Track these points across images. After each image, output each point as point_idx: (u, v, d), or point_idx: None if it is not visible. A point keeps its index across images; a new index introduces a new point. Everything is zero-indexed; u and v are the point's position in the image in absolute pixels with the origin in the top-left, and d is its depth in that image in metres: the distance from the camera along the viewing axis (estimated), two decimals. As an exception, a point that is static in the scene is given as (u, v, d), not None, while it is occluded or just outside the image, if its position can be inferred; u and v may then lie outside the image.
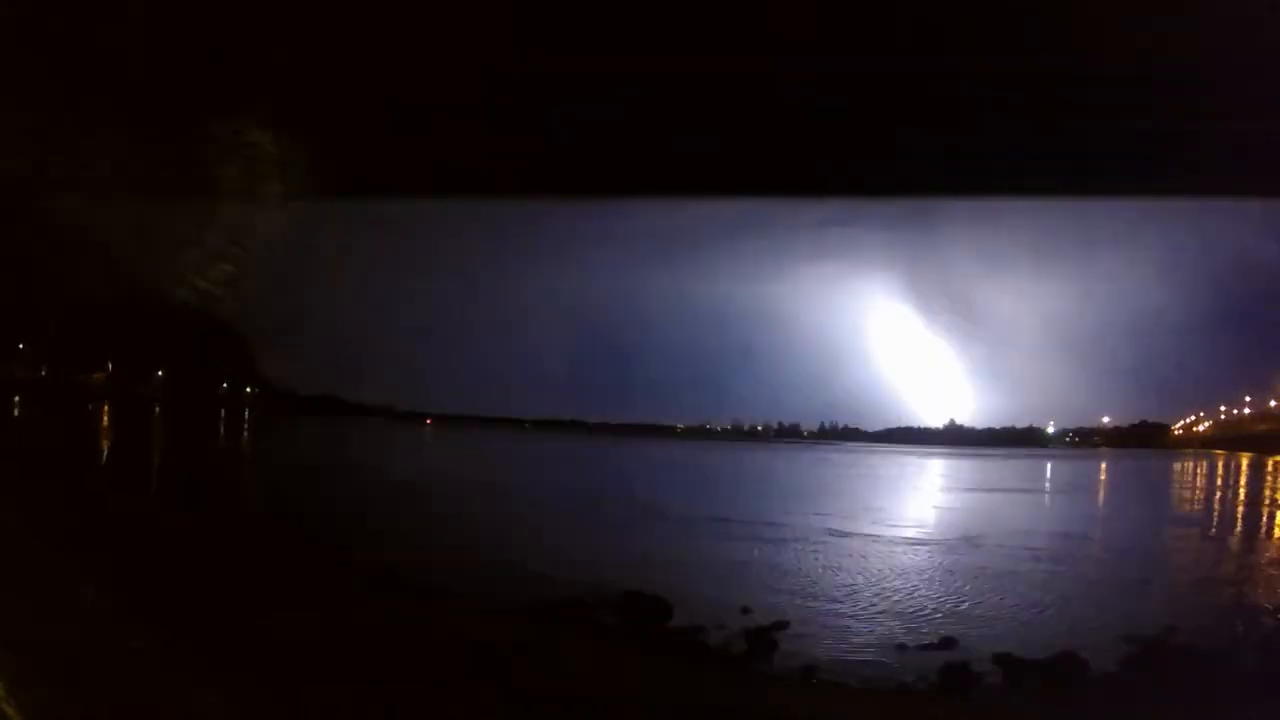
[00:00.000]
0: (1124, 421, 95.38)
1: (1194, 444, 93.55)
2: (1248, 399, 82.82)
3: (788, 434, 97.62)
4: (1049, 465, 55.90)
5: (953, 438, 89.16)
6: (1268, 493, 36.14)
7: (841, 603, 13.57)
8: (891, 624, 12.02)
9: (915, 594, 14.20)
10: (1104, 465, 57.07)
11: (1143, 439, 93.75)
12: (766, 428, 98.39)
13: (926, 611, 12.79)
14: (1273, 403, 78.98)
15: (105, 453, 28.23)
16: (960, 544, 19.54)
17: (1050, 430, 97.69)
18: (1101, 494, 39.38)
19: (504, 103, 6.82)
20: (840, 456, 60.50)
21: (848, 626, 11.76)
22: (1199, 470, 53.17)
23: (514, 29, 6.21)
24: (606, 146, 7.74)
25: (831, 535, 21.09)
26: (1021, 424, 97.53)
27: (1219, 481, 43.35)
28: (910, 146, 7.44)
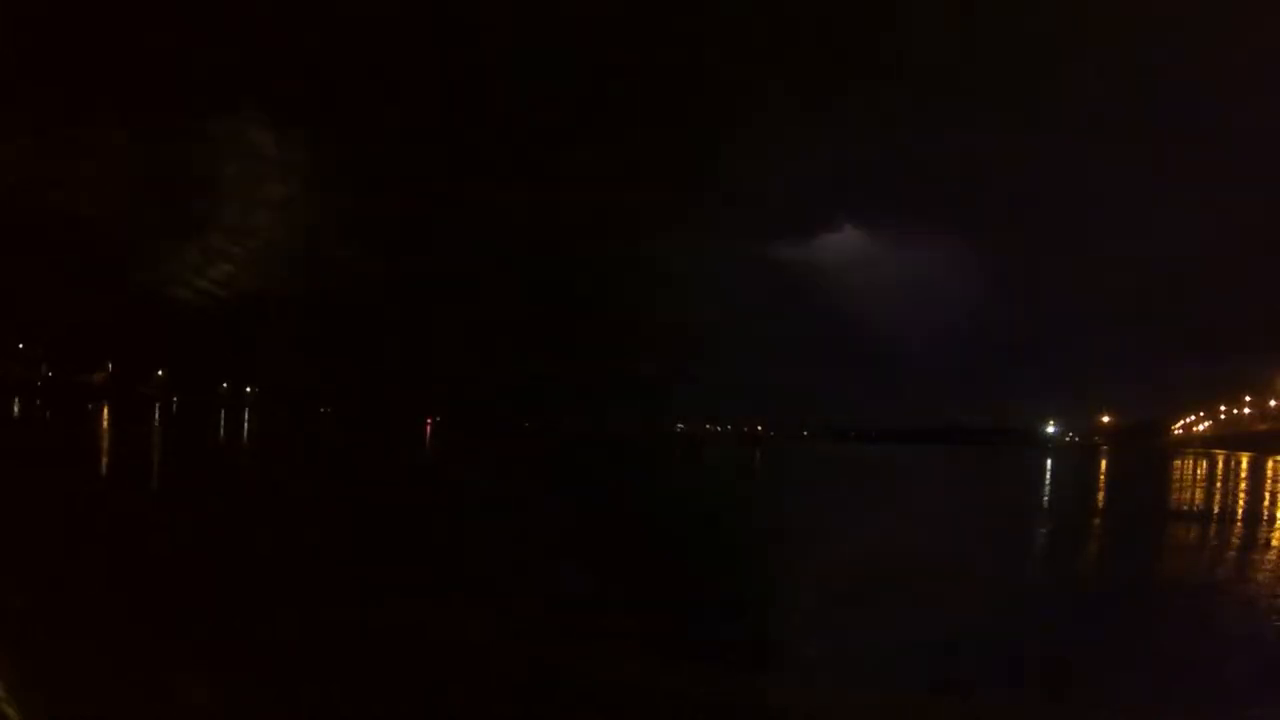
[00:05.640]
0: (1124, 421, 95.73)
1: (1194, 443, 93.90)
2: (1247, 399, 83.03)
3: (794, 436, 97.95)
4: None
5: (951, 436, 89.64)
6: None
7: None
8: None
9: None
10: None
11: (1143, 438, 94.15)
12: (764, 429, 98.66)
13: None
14: (1272, 402, 79.16)
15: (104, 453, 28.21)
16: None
17: (1050, 429, 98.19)
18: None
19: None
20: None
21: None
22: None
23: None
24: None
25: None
26: (1020, 423, 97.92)
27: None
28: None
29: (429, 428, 72.59)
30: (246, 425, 57.02)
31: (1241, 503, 29.41)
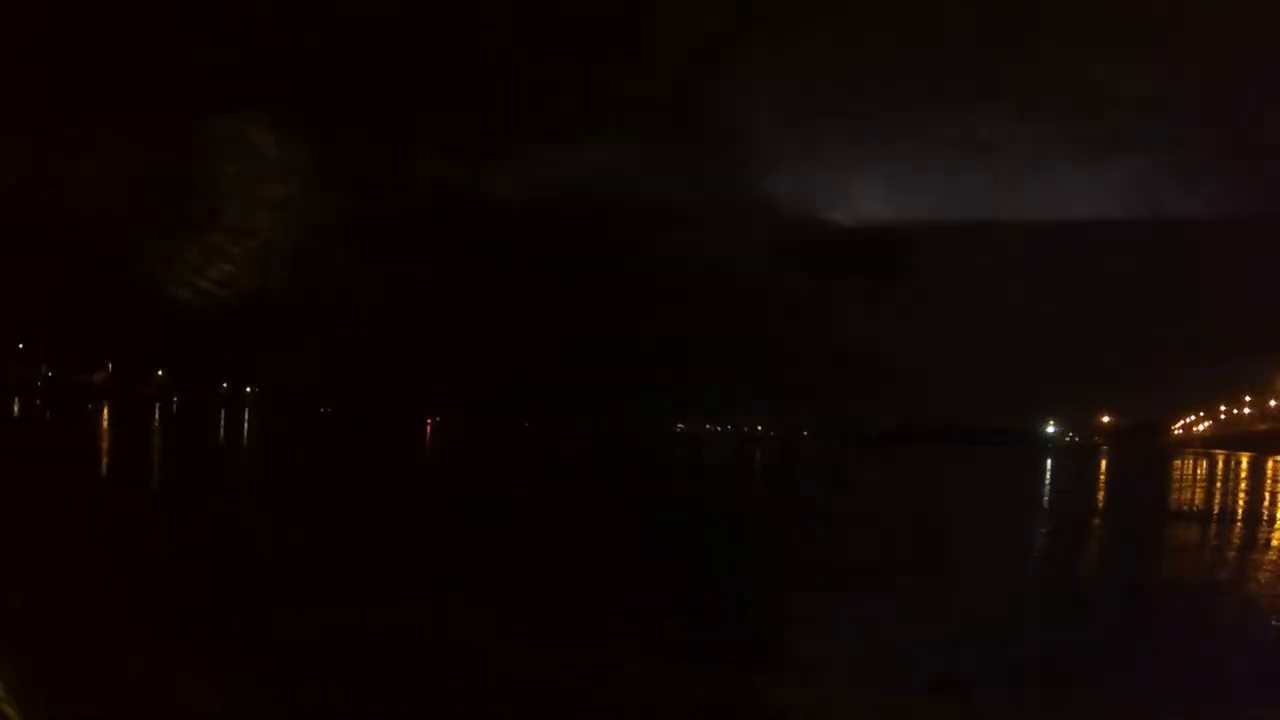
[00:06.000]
0: (1124, 421, 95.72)
1: (1194, 443, 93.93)
2: (1247, 399, 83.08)
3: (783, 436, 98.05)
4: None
5: (950, 437, 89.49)
6: None
7: None
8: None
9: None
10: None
11: (1143, 438, 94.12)
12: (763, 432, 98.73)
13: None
14: (1272, 402, 79.20)
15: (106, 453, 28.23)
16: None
17: (1050, 429, 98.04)
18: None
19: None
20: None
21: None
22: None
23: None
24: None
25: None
26: (1020, 423, 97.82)
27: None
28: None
29: (429, 428, 72.62)
30: (246, 425, 57.05)
31: (1241, 503, 29.44)
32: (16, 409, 44.68)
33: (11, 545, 7.91)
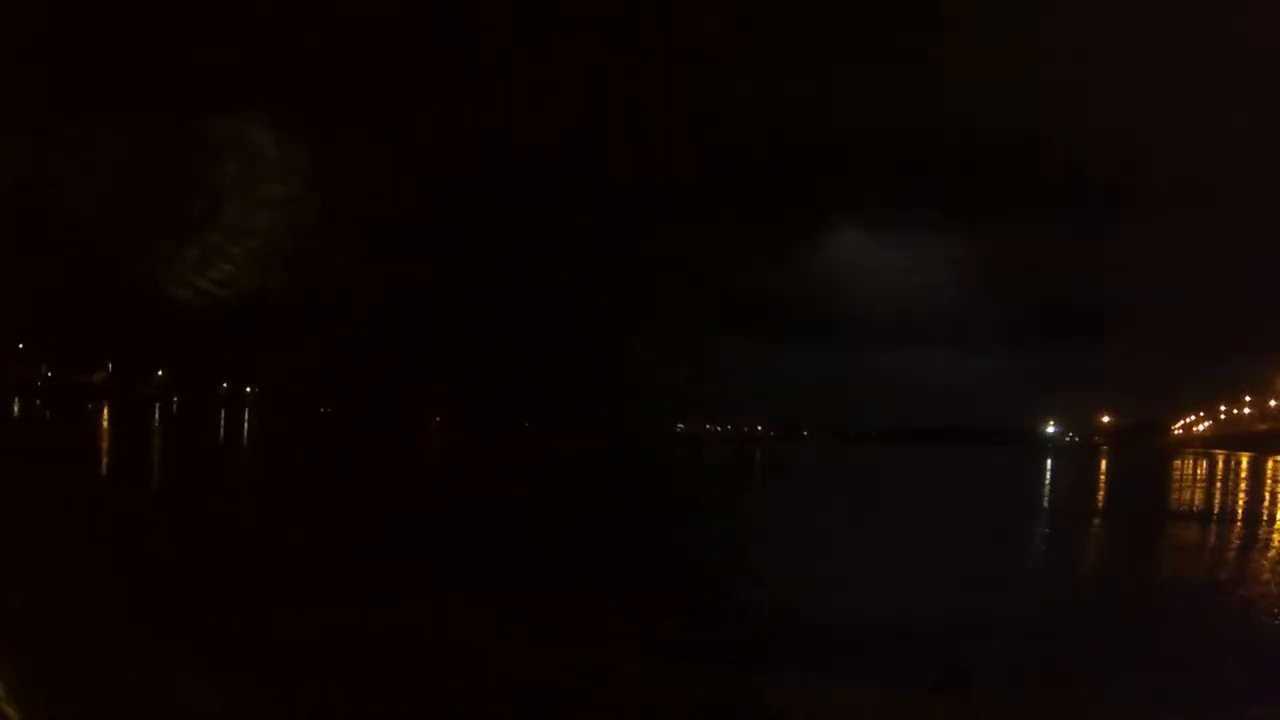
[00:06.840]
0: (1124, 421, 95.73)
1: (1194, 443, 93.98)
2: (1247, 399, 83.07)
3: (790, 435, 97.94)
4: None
5: (950, 436, 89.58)
6: None
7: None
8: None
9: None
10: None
11: (1143, 438, 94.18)
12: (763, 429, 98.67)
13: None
14: (1272, 402, 79.18)
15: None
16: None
17: (1050, 429, 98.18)
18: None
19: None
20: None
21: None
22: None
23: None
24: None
25: None
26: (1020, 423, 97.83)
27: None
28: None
29: (429, 428, 72.64)
30: (246, 425, 57.05)
31: (1241, 503, 29.44)
32: (16, 409, 44.64)
33: (11, 545, 7.90)
